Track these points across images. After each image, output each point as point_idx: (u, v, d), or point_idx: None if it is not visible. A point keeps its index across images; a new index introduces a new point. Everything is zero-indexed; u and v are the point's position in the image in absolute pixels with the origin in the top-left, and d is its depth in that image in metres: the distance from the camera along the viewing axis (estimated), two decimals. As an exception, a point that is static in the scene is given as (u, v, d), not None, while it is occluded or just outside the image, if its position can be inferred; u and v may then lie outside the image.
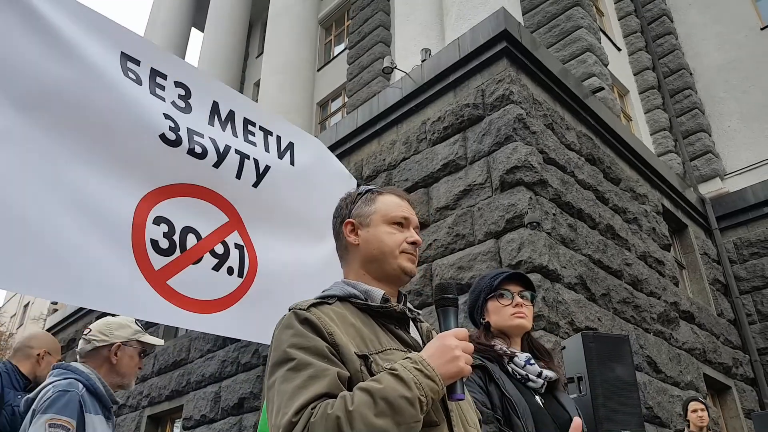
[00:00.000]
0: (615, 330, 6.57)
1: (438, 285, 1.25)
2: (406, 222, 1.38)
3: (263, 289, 2.46)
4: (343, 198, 1.47)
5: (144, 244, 2.09)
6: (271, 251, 2.54)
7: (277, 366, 1.12)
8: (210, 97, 2.44)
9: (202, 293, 2.26)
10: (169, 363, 10.79)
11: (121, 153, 2.08)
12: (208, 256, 2.30)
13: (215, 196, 2.36)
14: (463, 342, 1.12)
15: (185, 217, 2.25)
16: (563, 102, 7.95)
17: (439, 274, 6.66)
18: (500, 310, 1.90)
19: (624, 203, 8.26)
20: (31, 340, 3.15)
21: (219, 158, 2.32)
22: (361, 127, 8.76)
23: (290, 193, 2.63)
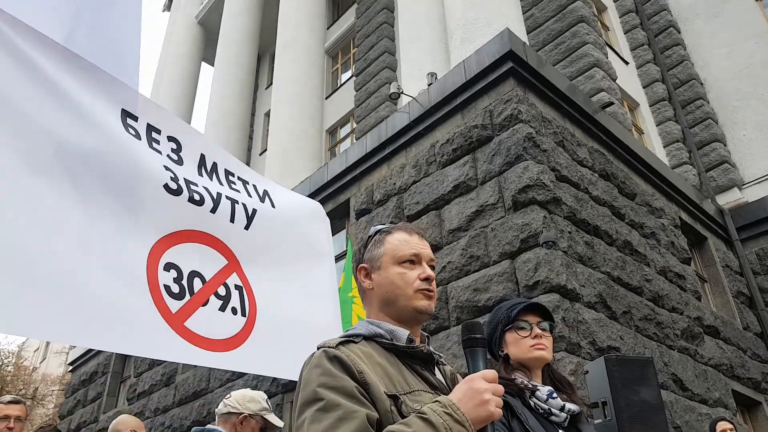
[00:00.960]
0: (638, 348, 6.40)
1: (465, 325, 1.22)
2: (417, 258, 1.35)
3: (266, 327, 2.58)
4: (357, 242, 1.48)
5: (159, 290, 2.20)
6: (267, 290, 2.68)
7: (306, 405, 1.11)
8: (198, 150, 2.60)
9: (216, 333, 2.37)
10: (190, 393, 10.74)
11: (130, 205, 2.20)
12: (213, 298, 2.40)
13: (214, 240, 2.49)
14: (492, 384, 1.10)
15: (190, 261, 2.37)
16: (573, 119, 7.90)
17: (455, 297, 6.56)
18: (519, 342, 1.85)
19: (641, 218, 8.13)
20: (118, 424, 3.52)
21: (214, 204, 2.47)
22: (371, 153, 8.78)
23: (276, 231, 2.80)
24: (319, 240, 3.11)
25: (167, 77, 21.58)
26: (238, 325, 2.46)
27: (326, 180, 9.47)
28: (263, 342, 2.52)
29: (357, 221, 8.66)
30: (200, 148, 2.61)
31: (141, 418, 11.90)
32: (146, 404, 12.04)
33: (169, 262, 2.27)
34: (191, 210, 2.36)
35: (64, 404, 16.38)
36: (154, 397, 11.84)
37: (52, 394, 27.17)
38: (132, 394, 12.74)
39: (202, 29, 22.54)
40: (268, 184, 2.98)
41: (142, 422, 3.68)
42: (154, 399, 11.85)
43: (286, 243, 2.84)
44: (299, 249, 2.91)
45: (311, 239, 3.03)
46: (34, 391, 26.24)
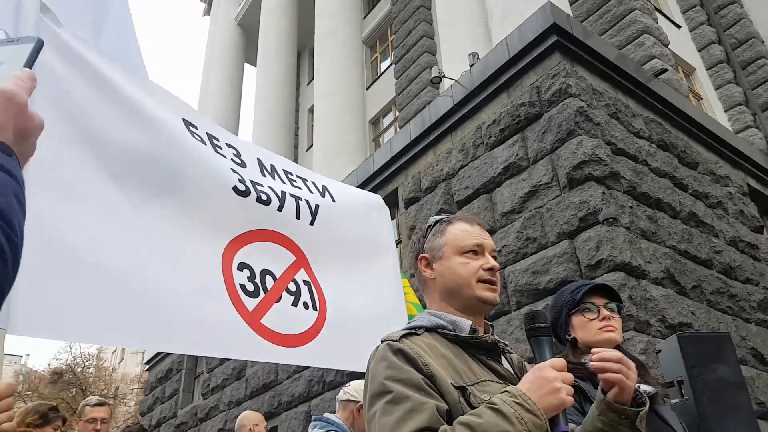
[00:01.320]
0: (711, 323, 6.10)
1: (528, 314, 1.20)
2: (480, 248, 1.34)
3: (336, 319, 2.62)
4: (416, 232, 1.46)
5: (236, 290, 2.26)
6: (334, 283, 2.71)
7: (375, 398, 1.13)
8: (253, 155, 2.67)
9: (291, 328, 2.41)
10: (260, 385, 11.03)
11: (203, 209, 2.26)
12: (285, 293, 2.45)
13: (282, 237, 2.54)
14: (561, 373, 1.08)
15: (261, 260, 2.42)
16: (625, 89, 7.57)
17: (513, 281, 6.41)
18: (586, 325, 1.80)
19: (705, 187, 7.73)
20: (242, 419, 3.91)
21: (280, 203, 2.52)
22: (415, 140, 8.69)
23: (339, 225, 2.84)
24: (381, 230, 3.13)
25: (213, 82, 22.12)
26: (310, 320, 2.50)
27: (372, 171, 9.45)
28: (334, 335, 2.56)
29: (406, 210, 8.59)
30: (255, 154, 2.68)
31: (215, 412, 12.36)
32: (220, 398, 12.45)
33: (242, 262, 2.32)
34: (259, 210, 2.41)
35: (143, 402, 17.18)
36: (227, 391, 12.23)
37: (132, 393, 28.52)
38: (206, 389, 13.20)
39: (242, 30, 22.94)
40: (326, 180, 3.02)
41: (261, 415, 4.05)
42: (226, 393, 12.24)
43: (348, 235, 2.87)
44: (362, 240, 2.94)
45: (372, 230, 3.06)
46: (115, 390, 27.58)
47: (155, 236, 2.07)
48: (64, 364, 26.21)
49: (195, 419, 13.23)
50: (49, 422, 2.87)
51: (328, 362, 2.68)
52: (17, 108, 0.66)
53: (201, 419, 12.95)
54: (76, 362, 26.40)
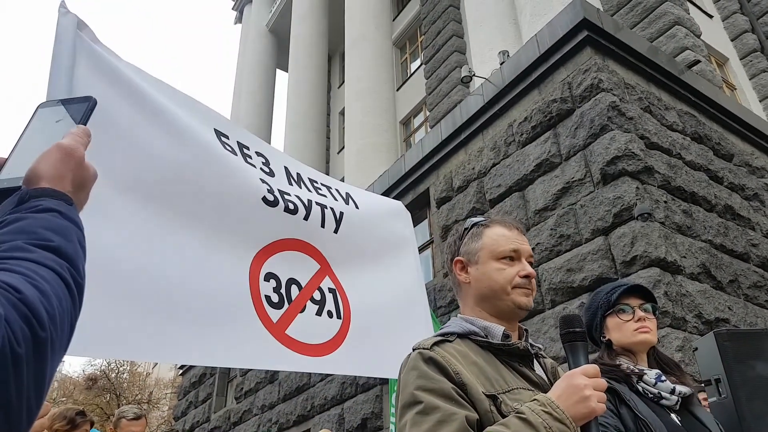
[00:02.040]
0: (749, 318, 6.04)
1: (563, 318, 1.19)
2: (517, 254, 1.32)
3: (361, 327, 2.63)
4: (452, 233, 1.45)
5: (261, 301, 2.27)
6: (358, 290, 2.71)
7: (406, 408, 1.12)
8: (281, 163, 2.68)
9: (315, 338, 2.42)
10: (293, 388, 11.22)
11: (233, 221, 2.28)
12: (309, 303, 2.46)
13: (307, 246, 2.55)
14: (593, 380, 1.07)
15: (288, 270, 2.44)
16: (658, 82, 7.51)
17: (547, 279, 6.46)
18: (621, 327, 1.79)
19: (741, 179, 7.62)
20: None
21: (307, 212, 2.53)
22: (446, 140, 8.76)
23: (363, 232, 2.84)
24: (404, 236, 3.13)
25: (245, 88, 22.46)
26: (334, 328, 2.51)
27: (404, 172, 9.54)
28: (359, 342, 2.56)
29: (438, 210, 8.68)
30: (282, 162, 2.69)
31: (248, 416, 12.61)
32: (253, 402, 12.68)
33: (269, 272, 2.34)
34: (286, 219, 2.43)
35: (177, 406, 17.51)
36: (260, 395, 12.45)
37: (166, 397, 28.79)
38: (239, 393, 13.44)
39: (274, 37, 23.24)
40: (349, 187, 3.04)
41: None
42: (260, 396, 12.46)
43: (372, 242, 2.88)
44: (385, 247, 2.95)
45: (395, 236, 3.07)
46: (149, 395, 27.96)
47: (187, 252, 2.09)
48: (99, 369, 26.48)
49: (228, 423, 13.44)
50: (77, 427, 2.86)
51: (354, 370, 2.66)
52: (75, 161, 0.73)
53: (234, 423, 13.15)
54: (111, 368, 26.66)
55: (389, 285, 2.87)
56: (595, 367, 1.09)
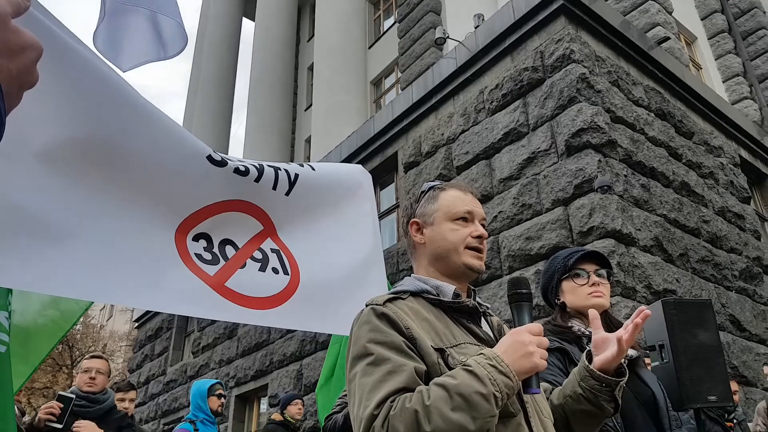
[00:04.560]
0: (695, 290, 6.35)
1: (511, 280, 1.24)
2: (471, 216, 1.37)
3: (310, 283, 2.59)
4: (409, 197, 1.52)
5: (192, 259, 2.22)
6: (307, 249, 2.66)
7: (357, 360, 1.17)
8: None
9: (259, 291, 2.38)
10: (252, 345, 11.30)
11: (167, 177, 2.17)
12: (250, 261, 2.41)
13: (252, 207, 2.48)
14: (537, 337, 1.12)
15: (222, 230, 2.36)
16: (627, 56, 7.61)
17: (507, 246, 6.61)
18: (576, 290, 1.87)
19: (698, 158, 7.88)
20: None
21: (259, 174, 2.45)
22: (417, 103, 8.72)
23: (317, 192, 2.77)
24: (362, 197, 3.07)
25: (209, 36, 21.63)
26: (281, 283, 2.47)
27: (373, 134, 9.48)
28: (308, 298, 2.54)
29: (405, 175, 8.70)
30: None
31: (206, 370, 12.66)
32: (210, 356, 12.73)
33: (199, 233, 2.28)
34: (235, 180, 2.35)
35: (132, 359, 17.45)
36: (218, 350, 12.49)
37: (120, 350, 28.66)
38: (196, 347, 13.46)
39: (242, -18, 22.36)
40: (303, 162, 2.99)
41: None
42: (217, 351, 12.50)
43: (328, 203, 2.83)
44: (342, 208, 2.89)
45: (354, 197, 3.00)
46: (103, 347, 27.66)
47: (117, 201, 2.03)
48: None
49: (185, 377, 13.48)
50: None
51: (302, 324, 2.65)
52: None
53: (191, 377, 13.18)
54: (63, 318, 26.62)
55: (344, 246, 2.83)
56: (539, 326, 1.15)
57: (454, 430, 1.01)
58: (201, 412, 4.60)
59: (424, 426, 1.01)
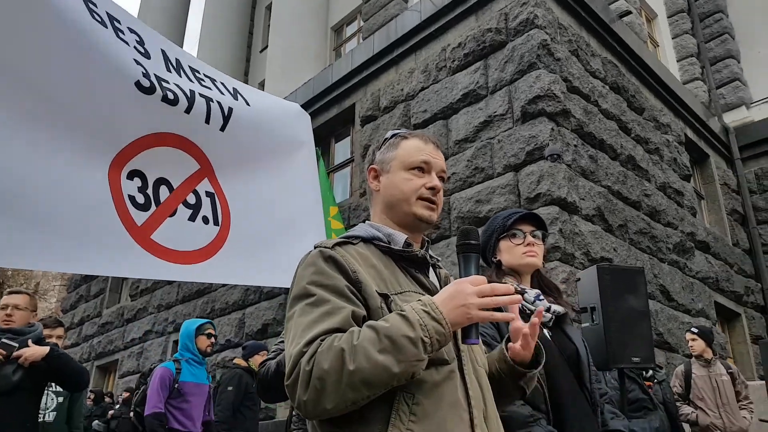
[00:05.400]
0: (630, 260, 6.64)
1: (461, 230, 1.24)
2: (428, 167, 1.35)
3: (242, 235, 2.47)
4: (375, 143, 1.49)
5: (124, 202, 2.08)
6: (242, 196, 2.53)
7: (296, 300, 1.17)
8: (157, 45, 2.34)
9: (185, 244, 2.28)
10: (193, 291, 11.18)
11: (98, 107, 1.99)
12: (181, 207, 2.30)
13: (187, 143, 2.32)
14: (478, 288, 1.10)
15: (157, 168, 2.22)
16: (589, 27, 7.67)
17: (457, 207, 6.70)
18: (512, 249, 1.94)
19: (647, 133, 8.12)
20: None
21: (189, 104, 2.28)
22: (378, 54, 8.56)
23: (253, 131, 2.61)
24: (301, 141, 2.90)
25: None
26: (210, 235, 2.36)
27: (331, 83, 9.28)
28: (238, 250, 2.43)
29: (362, 128, 8.61)
30: (159, 44, 2.35)
31: (143, 314, 12.48)
32: (149, 301, 12.53)
33: (133, 170, 2.13)
34: (165, 110, 2.18)
35: (66, 299, 16.98)
36: (157, 294, 12.30)
37: (54, 290, 27.81)
38: (135, 291, 13.21)
39: None
40: (236, 82, 2.74)
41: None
42: (157, 296, 12.32)
43: (264, 144, 2.67)
44: (279, 150, 2.75)
45: (292, 140, 2.84)
46: (35, 286, 26.85)
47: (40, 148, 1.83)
48: (-20, 257, 25.34)
49: (121, 320, 13.27)
50: None
51: (230, 278, 2.55)
52: None
53: (128, 320, 13.01)
54: (-7, 255, 25.57)
55: (280, 192, 2.70)
56: (483, 278, 1.14)
57: (377, 370, 1.02)
58: (188, 352, 4.50)
59: (348, 365, 1.01)
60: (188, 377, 4.39)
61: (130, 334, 12.74)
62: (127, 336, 12.81)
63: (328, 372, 1.02)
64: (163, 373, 4.33)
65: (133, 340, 12.56)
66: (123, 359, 12.73)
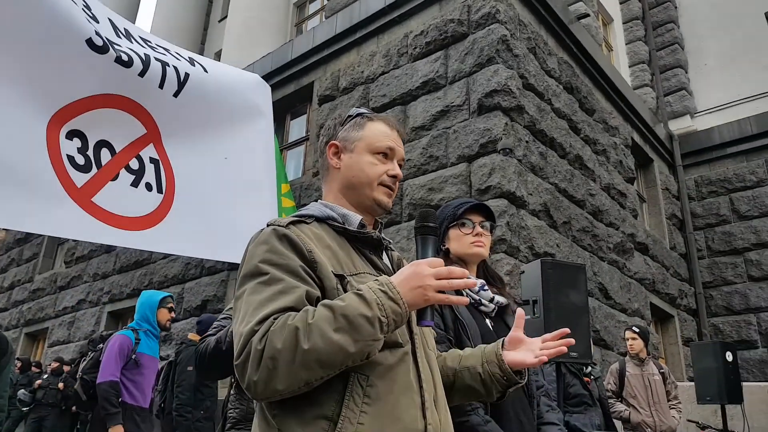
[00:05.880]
0: (572, 256, 6.85)
1: (420, 212, 1.24)
2: (391, 153, 1.35)
3: (188, 205, 2.41)
4: (334, 117, 1.44)
5: (62, 162, 1.99)
6: (189, 164, 2.46)
7: (248, 278, 1.14)
8: (104, 14, 2.25)
9: (127, 210, 2.20)
10: (132, 262, 10.85)
11: (41, 60, 1.90)
12: (124, 172, 2.22)
13: (136, 106, 2.24)
14: (436, 270, 1.10)
15: (100, 129, 2.13)
16: (548, 26, 7.80)
17: (410, 194, 6.74)
18: (461, 239, 1.96)
19: (596, 134, 8.36)
20: None
21: (144, 67, 2.20)
22: (340, 35, 8.46)
23: (209, 98, 2.52)
24: (259, 111, 2.81)
25: None
26: (153, 202, 2.28)
27: (290, 59, 9.12)
28: (184, 220, 2.36)
29: (319, 107, 8.51)
30: (106, 14, 2.27)
31: (77, 282, 12.03)
32: (84, 269, 12.09)
33: (73, 130, 2.04)
34: (117, 72, 2.09)
35: (-4, 262, 16.22)
36: (94, 263, 11.88)
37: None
38: (70, 257, 12.71)
39: None
40: (192, 54, 2.64)
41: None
42: (93, 264, 11.89)
43: (218, 112, 2.58)
44: (235, 120, 2.66)
45: (249, 110, 2.75)
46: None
47: None
48: None
49: (54, 286, 12.80)
50: None
51: (174, 248, 2.48)
52: None
53: (61, 287, 12.57)
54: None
55: (231, 163, 2.62)
56: (440, 261, 1.14)
57: (333, 349, 1.01)
58: (146, 323, 4.31)
59: (303, 343, 1.00)
60: (145, 349, 4.23)
61: (62, 302, 12.28)
62: (59, 304, 12.34)
63: (281, 351, 0.99)
64: (123, 341, 4.14)
65: (65, 309, 12.11)
66: (53, 328, 12.26)
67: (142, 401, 4.14)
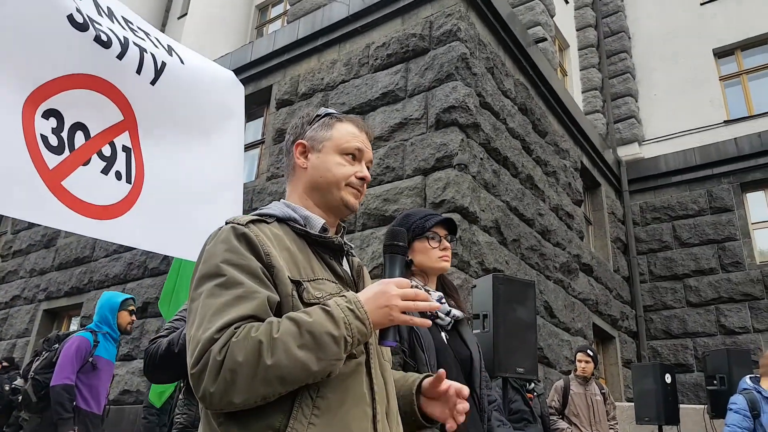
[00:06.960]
0: (520, 273, 6.97)
1: (390, 230, 1.24)
2: (359, 154, 1.33)
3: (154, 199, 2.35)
4: (302, 116, 1.40)
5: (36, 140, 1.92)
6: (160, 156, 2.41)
7: (205, 279, 1.09)
8: None
9: (96, 198, 2.14)
10: (71, 259, 10.39)
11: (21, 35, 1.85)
12: (95, 157, 2.15)
13: (115, 91, 2.18)
14: (403, 291, 1.10)
15: (77, 111, 2.07)
16: (507, 48, 7.97)
17: (365, 204, 6.71)
18: (428, 252, 1.95)
19: (547, 156, 8.57)
20: None
21: (122, 49, 2.15)
22: (302, 40, 8.42)
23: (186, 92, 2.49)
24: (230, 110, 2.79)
25: None
26: (121, 192, 2.22)
27: (249, 60, 9.02)
28: (149, 214, 2.31)
29: (277, 111, 8.41)
30: None
31: (13, 277, 11.44)
32: (22, 264, 11.51)
33: (50, 109, 1.97)
34: (96, 51, 2.04)
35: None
36: (32, 258, 11.33)
37: None
38: (7, 251, 12.07)
39: None
40: (171, 40, 2.60)
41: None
42: (30, 259, 11.33)
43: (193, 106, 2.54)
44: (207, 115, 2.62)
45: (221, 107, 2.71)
46: None
47: None
48: None
49: (-13, 281, 12.17)
50: None
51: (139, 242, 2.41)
52: None
53: (-6, 282, 11.95)
54: None
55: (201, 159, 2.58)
56: (408, 281, 1.13)
57: (295, 367, 0.98)
58: (106, 325, 4.10)
59: (266, 359, 0.96)
60: (103, 352, 4.03)
61: (-7, 299, 11.62)
62: (-10, 301, 11.68)
63: (242, 365, 0.96)
64: (81, 342, 3.94)
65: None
66: (-19, 327, 11.56)
67: (95, 407, 3.95)
